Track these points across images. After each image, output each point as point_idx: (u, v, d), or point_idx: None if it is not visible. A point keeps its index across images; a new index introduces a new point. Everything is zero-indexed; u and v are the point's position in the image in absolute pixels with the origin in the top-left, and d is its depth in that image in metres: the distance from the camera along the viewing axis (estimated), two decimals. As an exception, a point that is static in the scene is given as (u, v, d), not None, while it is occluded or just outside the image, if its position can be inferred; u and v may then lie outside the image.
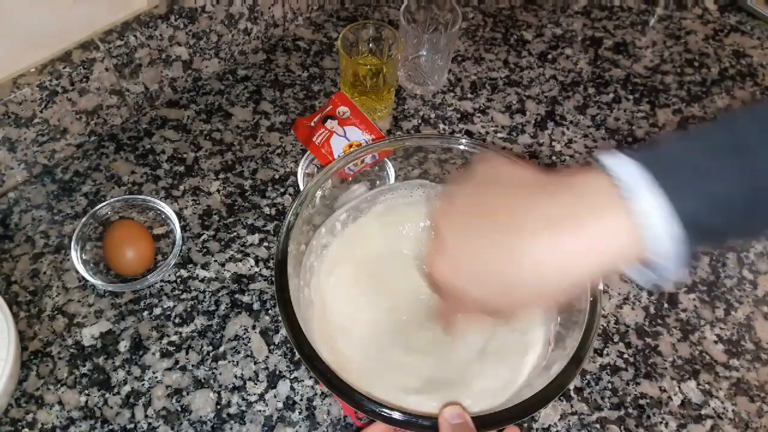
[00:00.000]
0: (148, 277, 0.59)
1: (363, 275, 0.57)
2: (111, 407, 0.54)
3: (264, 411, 0.55)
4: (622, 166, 0.31)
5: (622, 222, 0.31)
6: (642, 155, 0.31)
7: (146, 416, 0.54)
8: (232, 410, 0.55)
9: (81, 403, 0.54)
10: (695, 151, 0.31)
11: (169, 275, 0.61)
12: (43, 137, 0.65)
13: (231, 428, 0.54)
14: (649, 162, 0.31)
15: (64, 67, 0.62)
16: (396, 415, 0.40)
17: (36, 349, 0.57)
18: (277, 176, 0.69)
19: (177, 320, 0.59)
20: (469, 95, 0.77)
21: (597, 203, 0.32)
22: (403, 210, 0.60)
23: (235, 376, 0.56)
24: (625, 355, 0.59)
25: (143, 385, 0.55)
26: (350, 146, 0.65)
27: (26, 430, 0.53)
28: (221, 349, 0.57)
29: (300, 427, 0.54)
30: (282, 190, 0.68)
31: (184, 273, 0.62)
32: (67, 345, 0.57)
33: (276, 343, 0.58)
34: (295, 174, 0.69)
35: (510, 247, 0.33)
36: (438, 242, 0.37)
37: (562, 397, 0.57)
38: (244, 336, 0.58)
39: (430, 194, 0.59)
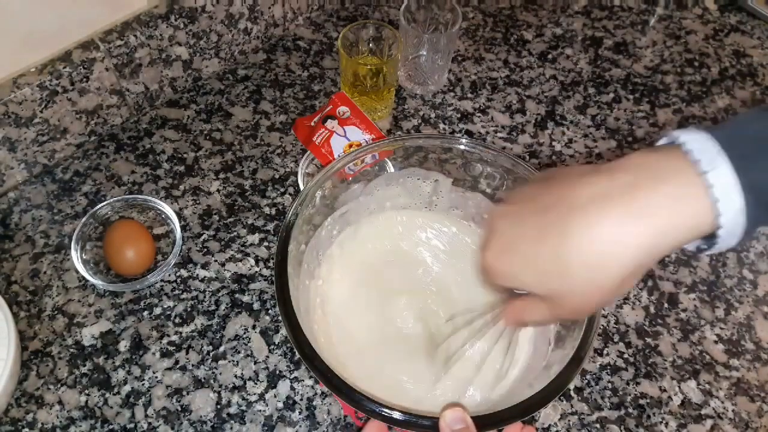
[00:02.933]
0: (148, 277, 0.59)
1: (363, 275, 0.57)
2: (111, 407, 0.54)
3: (264, 411, 0.55)
4: (696, 139, 0.30)
5: (689, 191, 0.29)
6: (714, 130, 0.30)
7: (146, 416, 0.54)
8: (232, 410, 0.55)
9: (81, 403, 0.54)
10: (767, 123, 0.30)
11: (169, 275, 0.61)
12: (43, 137, 0.65)
13: (231, 428, 0.54)
14: (721, 135, 0.30)
15: (64, 67, 0.62)
16: (396, 414, 0.40)
17: (36, 348, 0.57)
18: (277, 176, 0.69)
19: (177, 320, 0.59)
20: (469, 95, 0.77)
21: (660, 173, 0.30)
22: (403, 208, 0.60)
23: (235, 376, 0.56)
24: (625, 355, 0.59)
25: (143, 384, 0.55)
26: (350, 146, 0.65)
27: (26, 429, 0.53)
28: (221, 348, 0.57)
29: (300, 427, 0.54)
30: (282, 189, 0.68)
31: (184, 273, 0.62)
32: (67, 345, 0.57)
33: (276, 342, 0.58)
34: (295, 174, 0.69)
35: (559, 226, 0.32)
36: (491, 236, 0.36)
37: (562, 397, 0.57)
38: (244, 336, 0.58)
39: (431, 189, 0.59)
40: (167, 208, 0.63)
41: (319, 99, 0.75)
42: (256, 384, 0.56)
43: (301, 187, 0.66)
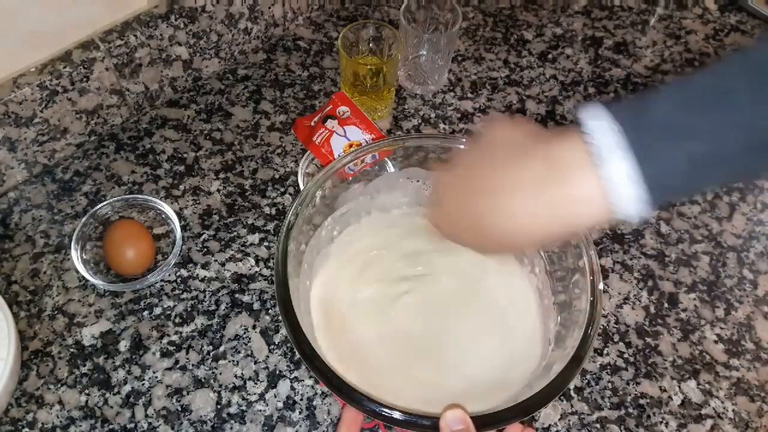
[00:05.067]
0: (149, 276, 0.59)
1: (365, 274, 0.57)
2: (111, 407, 0.54)
3: (264, 411, 0.55)
4: (600, 128, 0.32)
5: (588, 188, 0.33)
6: (622, 115, 0.32)
7: (146, 416, 0.54)
8: (233, 410, 0.55)
9: (81, 403, 0.54)
10: (676, 106, 0.31)
11: (170, 275, 0.61)
12: (44, 137, 0.65)
13: (231, 428, 0.54)
14: (627, 123, 0.32)
15: (64, 67, 0.62)
16: (396, 414, 0.40)
17: (36, 348, 0.57)
18: (277, 176, 0.69)
19: (177, 320, 0.59)
20: (470, 95, 0.77)
21: (565, 170, 0.34)
22: (403, 208, 0.60)
23: (236, 376, 0.56)
24: (625, 355, 0.59)
25: (143, 384, 0.55)
26: (350, 146, 0.65)
27: (26, 429, 0.53)
28: (221, 348, 0.57)
29: (300, 426, 0.54)
30: (282, 189, 0.68)
31: (184, 273, 0.62)
32: (68, 345, 0.57)
33: (276, 342, 0.58)
34: (295, 174, 0.69)
35: (487, 206, 0.38)
36: (438, 202, 0.44)
37: (562, 397, 0.57)
38: (245, 336, 0.58)
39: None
40: (167, 208, 0.63)
41: (319, 99, 0.75)
42: (256, 384, 0.56)
43: (301, 187, 0.66)
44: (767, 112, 0.30)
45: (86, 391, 0.55)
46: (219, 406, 0.55)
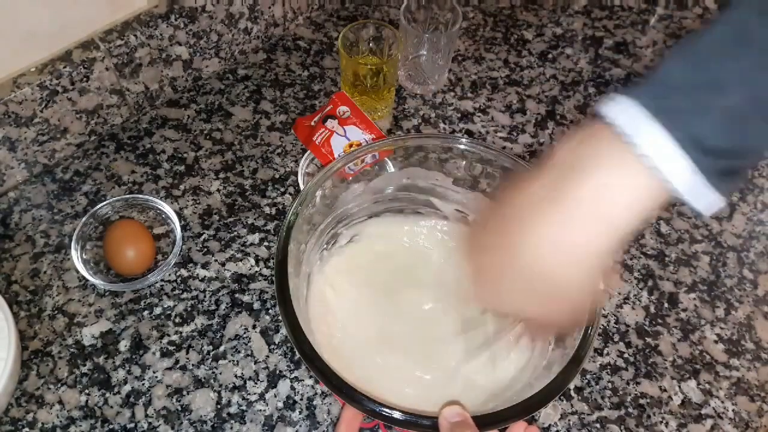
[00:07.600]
0: (149, 276, 0.59)
1: (364, 274, 0.57)
2: (111, 407, 0.54)
3: (264, 410, 0.55)
4: (619, 110, 0.28)
5: (620, 173, 0.28)
6: (639, 89, 0.28)
7: (146, 416, 0.54)
8: (233, 410, 0.55)
9: (81, 403, 0.54)
10: (694, 64, 0.28)
11: (170, 275, 0.61)
12: (44, 137, 0.65)
13: (231, 428, 0.54)
14: (645, 95, 0.28)
15: (64, 67, 0.61)
16: (396, 414, 0.40)
17: (36, 348, 0.57)
18: (277, 176, 0.69)
19: (177, 320, 0.59)
20: (470, 95, 0.77)
21: (585, 163, 0.28)
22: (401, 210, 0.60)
23: (236, 376, 0.56)
24: (625, 355, 0.59)
25: (143, 384, 0.55)
26: (350, 146, 0.65)
27: (26, 429, 0.53)
28: (221, 348, 0.57)
29: (300, 426, 0.54)
30: (282, 189, 0.68)
31: (184, 272, 0.62)
32: (68, 344, 0.57)
33: (276, 342, 0.58)
34: (295, 173, 0.69)
35: (509, 247, 0.32)
36: (472, 278, 0.38)
37: (562, 397, 0.57)
38: (245, 335, 0.58)
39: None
40: (167, 208, 0.63)
41: (319, 99, 0.75)
42: (256, 384, 0.56)
43: (301, 186, 0.66)
44: None
45: (86, 391, 0.55)
46: (219, 406, 0.55)
